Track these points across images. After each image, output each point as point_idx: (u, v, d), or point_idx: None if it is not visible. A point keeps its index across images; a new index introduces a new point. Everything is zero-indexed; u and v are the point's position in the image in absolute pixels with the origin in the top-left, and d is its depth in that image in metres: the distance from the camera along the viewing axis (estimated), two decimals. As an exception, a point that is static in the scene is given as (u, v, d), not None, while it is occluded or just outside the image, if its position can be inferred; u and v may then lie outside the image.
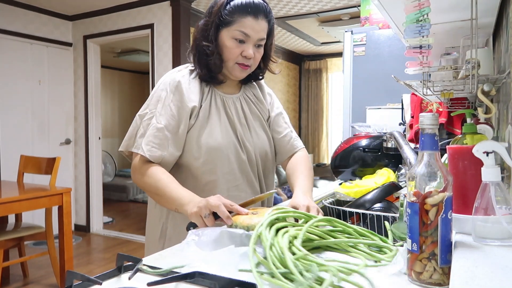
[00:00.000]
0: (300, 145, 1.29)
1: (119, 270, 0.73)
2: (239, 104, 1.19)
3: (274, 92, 1.35)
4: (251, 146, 1.17)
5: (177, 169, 1.13)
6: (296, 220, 0.84)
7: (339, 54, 6.45)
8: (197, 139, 1.10)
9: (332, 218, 0.82)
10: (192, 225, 0.93)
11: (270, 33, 1.15)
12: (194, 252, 0.75)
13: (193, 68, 1.16)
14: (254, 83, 1.27)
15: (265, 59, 1.21)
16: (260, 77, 1.26)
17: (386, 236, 0.87)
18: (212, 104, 1.14)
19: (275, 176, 5.36)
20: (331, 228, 0.81)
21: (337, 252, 0.78)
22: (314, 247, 0.78)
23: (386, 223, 0.86)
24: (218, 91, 1.17)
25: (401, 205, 0.91)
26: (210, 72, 1.14)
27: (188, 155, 1.11)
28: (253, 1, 1.08)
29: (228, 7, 1.08)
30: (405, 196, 0.66)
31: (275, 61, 1.24)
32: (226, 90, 1.19)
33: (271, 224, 0.75)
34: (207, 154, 1.10)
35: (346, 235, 0.81)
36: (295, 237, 0.71)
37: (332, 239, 0.78)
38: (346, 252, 0.77)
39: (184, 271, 0.67)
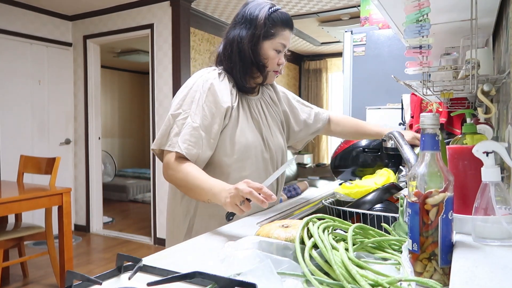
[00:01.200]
0: (326, 111, 1.51)
1: (119, 270, 0.73)
2: (259, 105, 1.28)
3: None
4: (274, 146, 1.26)
5: (207, 166, 1.16)
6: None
7: (339, 54, 6.45)
8: (231, 137, 1.17)
9: (364, 225, 0.78)
10: (231, 214, 0.95)
11: None
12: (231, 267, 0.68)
13: (220, 71, 1.21)
14: (268, 84, 1.36)
15: None
16: None
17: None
18: (239, 105, 1.21)
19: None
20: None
21: (363, 252, 0.76)
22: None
23: (385, 225, 0.85)
24: (243, 93, 1.24)
25: (401, 205, 0.90)
26: (247, 83, 1.21)
27: (221, 153, 1.17)
28: (289, 15, 1.21)
29: (271, 20, 1.17)
30: (405, 196, 0.66)
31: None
32: None
33: (322, 230, 0.72)
34: (239, 152, 1.17)
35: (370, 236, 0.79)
36: (346, 249, 0.68)
37: (366, 240, 0.76)
38: (373, 250, 0.76)
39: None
